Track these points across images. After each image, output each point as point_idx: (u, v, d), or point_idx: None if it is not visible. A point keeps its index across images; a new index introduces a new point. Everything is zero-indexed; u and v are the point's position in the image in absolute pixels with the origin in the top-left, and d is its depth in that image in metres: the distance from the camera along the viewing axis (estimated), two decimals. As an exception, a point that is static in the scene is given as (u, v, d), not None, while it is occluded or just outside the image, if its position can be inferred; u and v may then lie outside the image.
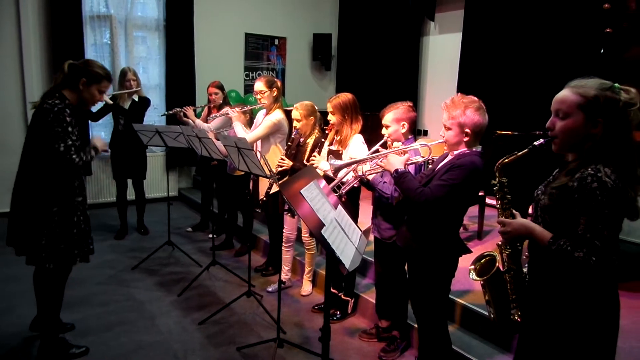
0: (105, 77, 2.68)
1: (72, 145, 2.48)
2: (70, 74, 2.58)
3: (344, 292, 3.36)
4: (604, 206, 1.39)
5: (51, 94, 2.54)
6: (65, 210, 2.56)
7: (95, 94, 2.66)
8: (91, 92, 2.64)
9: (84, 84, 2.59)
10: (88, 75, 2.60)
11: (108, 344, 2.94)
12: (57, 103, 2.47)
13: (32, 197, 2.53)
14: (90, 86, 2.62)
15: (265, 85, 3.70)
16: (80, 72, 2.59)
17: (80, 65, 2.62)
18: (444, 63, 6.12)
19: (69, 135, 2.47)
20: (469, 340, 2.81)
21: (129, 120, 4.57)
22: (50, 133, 2.45)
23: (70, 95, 2.58)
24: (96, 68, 2.64)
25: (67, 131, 2.46)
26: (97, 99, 2.69)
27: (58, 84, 2.57)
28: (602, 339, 1.50)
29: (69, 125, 2.47)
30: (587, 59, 4.19)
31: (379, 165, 2.39)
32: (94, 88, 2.64)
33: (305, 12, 7.36)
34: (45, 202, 2.52)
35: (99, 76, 2.64)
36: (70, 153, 2.47)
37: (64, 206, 2.56)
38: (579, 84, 1.51)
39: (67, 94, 2.57)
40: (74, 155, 2.48)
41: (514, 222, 1.61)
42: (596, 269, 1.41)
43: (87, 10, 5.66)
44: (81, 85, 2.59)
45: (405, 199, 2.26)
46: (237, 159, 3.07)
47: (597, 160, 1.44)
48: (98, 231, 5.05)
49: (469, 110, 2.09)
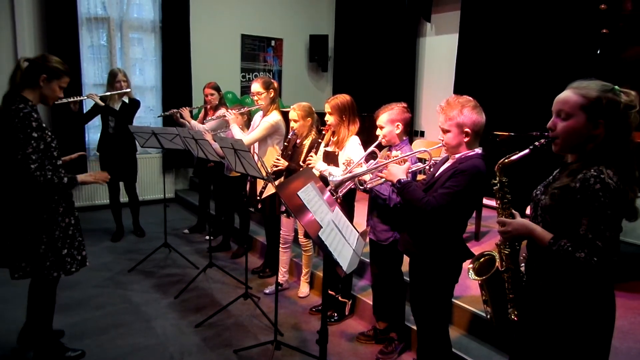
0: (65, 72, 2.54)
1: (33, 153, 2.34)
2: (29, 71, 2.44)
3: (341, 294, 3.35)
4: (606, 207, 1.40)
5: (12, 96, 2.41)
6: (52, 217, 2.49)
7: (56, 89, 2.52)
8: (52, 88, 2.50)
9: (44, 81, 2.46)
10: (48, 71, 2.47)
11: (104, 346, 2.92)
12: (22, 107, 2.36)
13: (17, 208, 2.44)
14: (50, 82, 2.48)
15: (262, 87, 3.69)
16: (39, 68, 2.45)
17: (39, 61, 2.48)
18: (441, 64, 6.13)
19: (30, 142, 2.33)
20: (467, 342, 2.80)
21: (119, 122, 4.53)
22: (14, 139, 2.33)
23: (31, 94, 2.45)
24: (55, 63, 2.51)
25: (31, 137, 2.34)
26: (57, 94, 2.56)
27: (18, 83, 2.43)
28: (597, 339, 1.51)
29: (33, 131, 2.34)
30: (584, 60, 4.20)
31: (381, 177, 2.34)
32: (54, 84, 2.50)
33: (302, 13, 7.36)
34: (33, 211, 2.44)
35: (59, 71, 2.51)
36: (29, 162, 2.34)
37: (51, 213, 2.48)
38: (581, 85, 1.52)
39: (28, 94, 2.44)
40: (32, 164, 2.34)
41: (514, 222, 1.61)
42: (597, 270, 1.42)
43: (84, 12, 5.64)
44: (41, 82, 2.45)
45: (407, 205, 2.23)
46: (233, 161, 3.06)
47: (599, 162, 1.45)
48: (94, 233, 5.04)
49: (466, 109, 2.06)
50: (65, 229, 2.56)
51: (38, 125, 2.37)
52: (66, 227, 2.57)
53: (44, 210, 2.47)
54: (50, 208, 2.49)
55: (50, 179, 2.41)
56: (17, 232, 2.46)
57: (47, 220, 2.48)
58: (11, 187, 2.46)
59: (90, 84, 5.78)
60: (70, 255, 2.58)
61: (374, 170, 2.46)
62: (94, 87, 5.72)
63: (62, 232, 2.54)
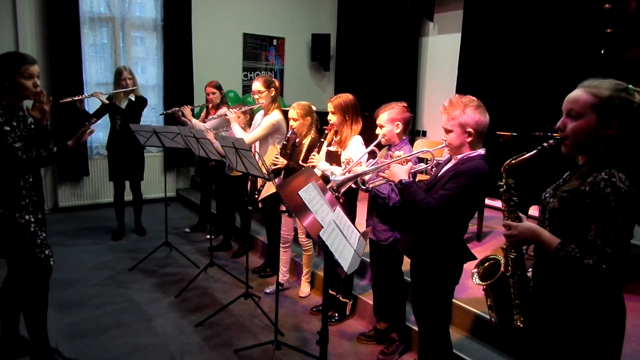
0: (20, 61, 2.39)
1: (14, 142, 2.31)
2: None
3: (342, 294, 3.33)
4: (617, 212, 1.35)
5: None
6: (10, 212, 2.39)
7: (23, 82, 2.38)
8: (18, 83, 2.37)
9: (6, 80, 2.35)
10: (4, 70, 2.35)
11: (104, 346, 2.92)
12: None
13: None
14: (13, 78, 2.36)
15: (263, 86, 3.68)
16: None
17: None
18: (443, 63, 6.10)
19: (6, 133, 2.29)
20: (469, 344, 2.79)
21: (126, 120, 4.53)
22: None
23: (8, 96, 2.37)
24: (10, 58, 2.39)
25: (4, 131, 2.29)
26: (29, 86, 2.40)
27: None
28: (608, 345, 1.47)
29: (3, 125, 2.29)
30: (588, 60, 4.17)
31: (382, 177, 2.33)
32: (18, 78, 2.37)
33: (304, 12, 7.34)
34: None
35: (11, 66, 2.36)
36: (16, 152, 2.30)
37: (10, 208, 2.38)
38: (592, 84, 1.46)
39: (7, 96, 2.38)
40: (17, 150, 2.30)
41: (520, 225, 1.55)
42: (605, 277, 1.36)
43: (86, 11, 5.64)
44: (5, 82, 2.35)
45: (407, 205, 2.21)
46: (234, 160, 3.04)
47: (611, 164, 1.40)
48: (95, 233, 5.05)
49: (469, 109, 2.04)
50: (24, 226, 2.43)
51: (6, 120, 2.31)
52: (26, 224, 2.43)
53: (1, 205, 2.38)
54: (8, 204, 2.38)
55: (37, 155, 2.37)
56: None
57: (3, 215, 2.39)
58: None
59: (92, 83, 5.78)
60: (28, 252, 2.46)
61: (376, 170, 2.45)
62: (97, 86, 5.71)
63: (22, 228, 2.42)
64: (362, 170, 2.54)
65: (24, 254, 2.45)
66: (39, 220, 2.51)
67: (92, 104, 4.96)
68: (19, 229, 2.42)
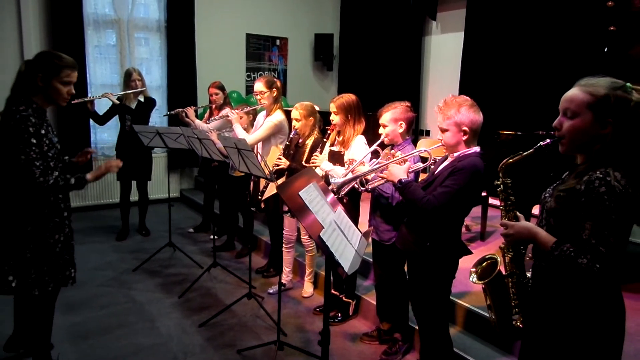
0: (65, 65, 2.29)
1: (37, 159, 2.16)
2: (27, 74, 2.25)
3: (345, 294, 3.33)
4: (611, 212, 1.34)
5: (15, 99, 2.23)
6: (39, 230, 2.28)
7: (58, 87, 2.28)
8: (54, 86, 2.27)
9: (42, 80, 2.24)
10: (42, 69, 2.24)
11: (107, 346, 2.93)
12: (21, 110, 2.18)
13: (3, 219, 2.26)
14: (50, 80, 2.26)
15: (265, 86, 3.68)
16: (34, 67, 2.25)
17: (34, 60, 2.27)
18: (446, 63, 6.10)
19: (30, 147, 2.15)
20: (470, 342, 2.78)
21: (135, 120, 4.57)
22: (12, 143, 2.15)
23: (37, 97, 2.27)
24: (50, 58, 2.28)
25: (30, 142, 2.15)
26: (63, 92, 2.31)
27: (20, 87, 2.26)
28: (608, 345, 1.46)
29: (31, 136, 2.15)
30: (591, 58, 4.15)
31: (381, 177, 2.37)
32: (55, 81, 2.27)
33: (307, 12, 7.34)
34: (19, 223, 2.25)
35: (55, 67, 2.26)
36: (32, 168, 2.16)
37: (37, 226, 2.27)
38: (588, 83, 1.45)
39: (35, 97, 2.27)
40: (35, 170, 2.16)
41: (517, 225, 1.55)
42: (600, 277, 1.36)
43: (90, 13, 5.66)
44: (40, 82, 2.24)
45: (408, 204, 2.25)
46: (237, 160, 3.05)
47: (607, 163, 1.38)
48: (99, 233, 5.08)
49: (463, 108, 2.10)
50: (52, 246, 2.34)
51: (36, 130, 2.19)
52: (54, 244, 2.35)
53: (29, 223, 2.27)
54: (37, 222, 2.28)
55: (54, 183, 2.23)
56: (2, 244, 2.28)
57: (32, 234, 2.27)
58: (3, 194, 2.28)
59: (97, 84, 5.81)
60: (50, 273, 2.35)
61: (375, 170, 2.46)
62: (102, 87, 5.74)
63: (49, 249, 2.32)
64: (364, 171, 2.56)
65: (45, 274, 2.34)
66: (67, 237, 2.43)
67: (100, 105, 4.99)
68: (44, 249, 2.31)
